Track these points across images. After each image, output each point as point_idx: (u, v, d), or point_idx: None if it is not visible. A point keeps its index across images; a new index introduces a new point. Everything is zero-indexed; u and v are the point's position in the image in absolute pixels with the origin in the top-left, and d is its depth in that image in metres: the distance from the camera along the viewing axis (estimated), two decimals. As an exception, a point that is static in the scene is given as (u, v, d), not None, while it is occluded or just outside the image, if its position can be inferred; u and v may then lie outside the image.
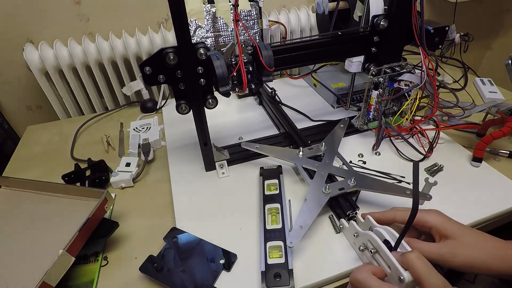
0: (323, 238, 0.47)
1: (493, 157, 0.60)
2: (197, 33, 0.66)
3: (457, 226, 0.38)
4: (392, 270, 0.34)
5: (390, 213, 0.43)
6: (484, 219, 0.49)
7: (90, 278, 0.45)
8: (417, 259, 0.33)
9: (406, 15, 0.54)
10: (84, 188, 0.56)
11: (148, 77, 0.46)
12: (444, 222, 0.39)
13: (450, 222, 0.39)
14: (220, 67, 0.47)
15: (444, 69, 0.87)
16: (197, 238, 0.47)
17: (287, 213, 0.49)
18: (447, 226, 0.38)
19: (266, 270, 0.41)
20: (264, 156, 0.61)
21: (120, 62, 0.97)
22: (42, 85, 0.93)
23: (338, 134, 0.62)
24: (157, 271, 0.43)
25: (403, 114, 0.64)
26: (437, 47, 0.58)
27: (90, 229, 0.45)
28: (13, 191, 0.55)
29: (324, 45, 0.56)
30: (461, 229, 0.38)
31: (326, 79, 0.80)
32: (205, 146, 0.56)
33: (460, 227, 0.39)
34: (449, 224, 0.39)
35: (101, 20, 0.98)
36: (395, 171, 0.57)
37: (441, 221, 0.39)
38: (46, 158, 0.70)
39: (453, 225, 0.38)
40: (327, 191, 0.48)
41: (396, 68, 0.58)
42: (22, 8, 0.90)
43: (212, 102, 0.51)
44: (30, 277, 0.39)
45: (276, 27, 1.01)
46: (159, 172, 0.63)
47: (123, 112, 0.86)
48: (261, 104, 0.81)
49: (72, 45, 0.91)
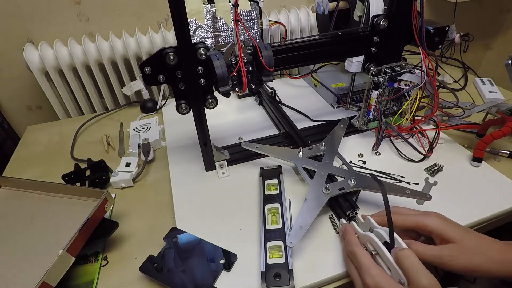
0: (323, 238, 0.47)
1: (493, 157, 0.60)
2: (197, 33, 0.66)
3: (457, 230, 0.38)
4: (393, 272, 0.34)
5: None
6: (484, 219, 0.49)
7: (90, 278, 0.45)
8: (408, 256, 0.33)
9: (406, 15, 0.54)
10: (84, 188, 0.56)
11: (148, 77, 0.46)
12: (444, 225, 0.38)
13: (451, 225, 0.39)
14: (220, 67, 0.47)
15: (444, 69, 0.87)
16: (197, 238, 0.47)
17: (287, 213, 0.49)
18: (447, 229, 0.38)
19: (266, 270, 0.41)
20: (264, 156, 0.61)
21: (120, 62, 0.97)
22: (42, 85, 0.93)
23: (338, 134, 0.62)
24: (157, 271, 0.43)
25: (403, 114, 0.64)
26: (437, 47, 0.58)
27: (90, 229, 0.45)
28: (13, 191, 0.55)
29: (324, 45, 0.56)
30: (461, 233, 0.38)
31: (326, 79, 0.80)
32: (205, 146, 0.56)
33: (461, 230, 0.38)
34: (449, 227, 0.38)
35: (101, 20, 0.98)
36: (395, 171, 0.57)
37: (441, 225, 0.38)
38: (46, 158, 0.70)
39: (453, 229, 0.38)
40: (327, 191, 0.48)
41: (396, 68, 0.58)
42: (22, 8, 0.90)
43: (212, 102, 0.51)
44: (30, 277, 0.39)
45: (276, 27, 1.01)
46: (159, 172, 0.63)
47: (123, 112, 0.86)
48: (261, 104, 0.81)
49: (72, 45, 0.91)
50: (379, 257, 0.37)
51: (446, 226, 0.38)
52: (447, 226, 0.38)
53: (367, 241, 0.39)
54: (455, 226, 0.39)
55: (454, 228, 0.38)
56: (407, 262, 0.32)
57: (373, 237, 0.37)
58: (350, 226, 0.42)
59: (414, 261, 0.32)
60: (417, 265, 0.32)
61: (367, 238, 0.38)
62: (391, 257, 0.35)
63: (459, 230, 0.38)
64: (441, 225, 0.38)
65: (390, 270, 0.35)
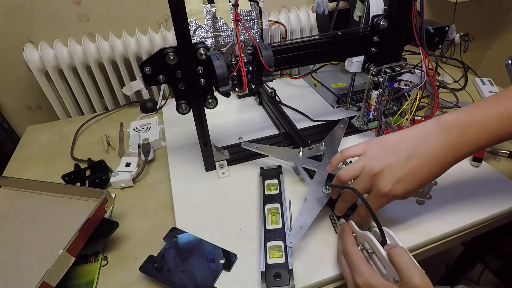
0: (323, 238, 0.47)
1: (493, 157, 0.60)
2: (197, 33, 0.66)
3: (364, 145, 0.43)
4: (388, 271, 0.34)
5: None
6: (484, 219, 0.49)
7: (90, 278, 0.45)
8: (400, 254, 0.33)
9: (406, 15, 0.54)
10: (84, 188, 0.56)
11: (148, 77, 0.46)
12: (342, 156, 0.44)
13: (350, 150, 0.44)
14: (220, 67, 0.47)
15: (444, 69, 0.87)
16: (197, 238, 0.47)
17: (287, 213, 0.49)
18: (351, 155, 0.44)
19: (266, 270, 0.41)
20: (264, 156, 0.61)
21: (120, 62, 0.97)
22: (42, 85, 0.93)
23: (338, 134, 0.62)
24: (157, 271, 0.43)
25: (403, 114, 0.64)
26: (437, 47, 0.58)
27: (90, 229, 0.45)
28: (13, 191, 0.55)
29: (324, 45, 0.56)
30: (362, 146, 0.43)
31: (326, 79, 0.80)
32: (205, 146, 0.56)
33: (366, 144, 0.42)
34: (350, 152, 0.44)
35: (101, 20, 0.98)
36: (395, 171, 0.56)
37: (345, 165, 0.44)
38: (46, 158, 0.70)
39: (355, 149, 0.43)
40: (327, 191, 0.48)
41: (396, 68, 0.58)
42: (22, 8, 0.90)
43: (212, 102, 0.51)
44: (30, 277, 0.39)
45: (276, 27, 1.01)
46: (159, 172, 0.63)
47: (123, 112, 0.86)
48: (261, 104, 0.81)
49: (72, 45, 0.91)
50: (375, 256, 0.37)
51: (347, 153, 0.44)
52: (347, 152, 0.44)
53: (364, 240, 0.39)
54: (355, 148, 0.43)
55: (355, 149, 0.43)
56: (399, 259, 0.32)
57: (370, 236, 0.38)
58: (348, 226, 0.42)
59: (406, 259, 0.32)
60: (409, 263, 0.32)
61: (364, 237, 0.39)
62: (385, 255, 0.35)
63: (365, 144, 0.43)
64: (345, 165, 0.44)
65: (385, 269, 0.35)
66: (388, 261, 0.34)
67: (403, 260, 0.32)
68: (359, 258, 0.36)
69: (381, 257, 0.35)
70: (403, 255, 0.33)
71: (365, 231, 0.39)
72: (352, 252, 0.37)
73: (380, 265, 0.36)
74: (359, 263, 0.35)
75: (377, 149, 0.41)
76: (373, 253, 0.37)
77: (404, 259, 0.32)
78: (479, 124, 0.37)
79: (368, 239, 0.38)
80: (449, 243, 0.48)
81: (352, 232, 0.41)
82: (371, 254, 0.37)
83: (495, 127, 0.37)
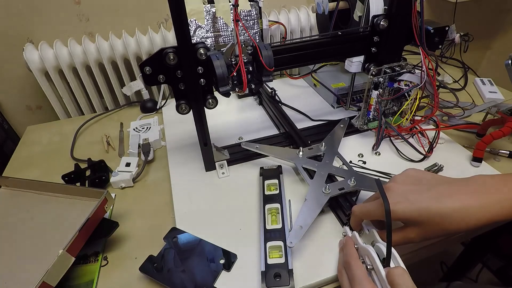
0: (323, 238, 0.47)
1: (493, 157, 0.60)
2: (197, 33, 0.66)
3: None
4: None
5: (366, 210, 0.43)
6: (484, 219, 0.48)
7: (90, 278, 0.45)
8: (400, 274, 0.32)
9: (406, 15, 0.54)
10: (84, 188, 0.56)
11: (148, 77, 0.46)
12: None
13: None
14: (220, 67, 0.47)
15: (444, 69, 0.87)
16: (197, 238, 0.47)
17: (287, 213, 0.49)
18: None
19: (266, 270, 0.41)
20: (264, 156, 0.61)
21: (120, 62, 0.97)
22: (42, 85, 0.93)
23: (338, 134, 0.62)
24: (157, 271, 0.43)
25: (403, 114, 0.64)
26: (437, 47, 0.58)
27: (90, 229, 0.45)
28: (13, 191, 0.55)
29: (324, 45, 0.56)
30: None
31: (326, 79, 0.80)
32: (205, 146, 0.56)
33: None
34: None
35: (101, 20, 0.98)
36: (395, 171, 0.56)
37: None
38: (46, 158, 0.70)
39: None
40: (327, 191, 0.48)
41: (396, 68, 0.58)
42: (22, 8, 0.90)
43: (212, 102, 0.51)
44: (30, 277, 0.39)
45: (276, 27, 1.01)
46: (159, 172, 0.63)
47: (123, 112, 0.86)
48: (261, 104, 0.81)
49: (72, 45, 0.91)
50: (374, 273, 0.36)
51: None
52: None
53: (365, 254, 0.38)
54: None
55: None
56: (399, 281, 0.32)
57: (371, 252, 0.36)
58: (351, 239, 0.41)
59: (406, 280, 0.32)
60: (408, 284, 0.31)
61: (366, 252, 0.37)
62: (384, 274, 0.33)
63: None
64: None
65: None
66: (387, 282, 0.33)
67: (403, 281, 0.31)
68: (361, 273, 0.35)
69: (380, 277, 0.34)
70: (403, 275, 0.32)
71: (367, 246, 0.38)
72: (355, 266, 0.36)
73: (378, 284, 0.35)
74: (361, 278, 0.35)
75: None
76: (372, 269, 0.36)
77: (403, 281, 0.31)
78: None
79: (369, 255, 0.37)
80: (449, 243, 0.48)
81: (354, 244, 0.41)
82: (370, 271, 0.36)
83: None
